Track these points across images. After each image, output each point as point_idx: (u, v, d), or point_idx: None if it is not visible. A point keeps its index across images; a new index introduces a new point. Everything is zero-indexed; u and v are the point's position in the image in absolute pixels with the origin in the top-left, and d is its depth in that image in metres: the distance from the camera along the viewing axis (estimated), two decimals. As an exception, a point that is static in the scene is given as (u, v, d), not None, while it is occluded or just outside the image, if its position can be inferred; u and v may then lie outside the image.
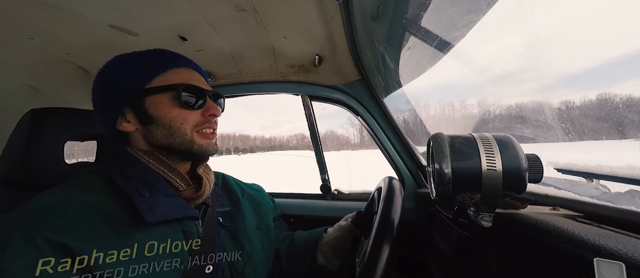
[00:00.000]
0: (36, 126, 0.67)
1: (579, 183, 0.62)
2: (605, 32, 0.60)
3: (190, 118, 0.58)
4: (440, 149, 0.44)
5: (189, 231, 0.57)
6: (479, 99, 1.13)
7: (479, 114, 1.14)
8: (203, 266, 0.58)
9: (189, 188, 0.60)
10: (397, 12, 0.77)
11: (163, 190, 0.55)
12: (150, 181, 0.55)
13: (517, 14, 0.60)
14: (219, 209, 0.69)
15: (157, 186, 0.55)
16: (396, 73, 0.99)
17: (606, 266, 0.29)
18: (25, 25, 0.80)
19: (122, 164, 0.56)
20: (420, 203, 1.07)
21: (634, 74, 0.57)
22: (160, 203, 0.52)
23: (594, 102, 0.66)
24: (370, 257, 0.50)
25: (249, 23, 0.82)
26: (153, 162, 0.58)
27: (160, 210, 0.51)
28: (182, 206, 0.56)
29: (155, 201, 0.52)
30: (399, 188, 0.71)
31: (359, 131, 29.76)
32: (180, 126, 0.57)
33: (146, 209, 0.49)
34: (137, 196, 0.51)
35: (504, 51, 0.75)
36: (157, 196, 0.53)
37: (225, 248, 0.65)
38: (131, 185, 0.52)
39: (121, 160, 0.57)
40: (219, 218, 0.67)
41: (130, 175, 0.54)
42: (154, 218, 0.49)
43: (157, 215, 0.50)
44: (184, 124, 0.58)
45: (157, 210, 0.51)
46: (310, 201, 1.32)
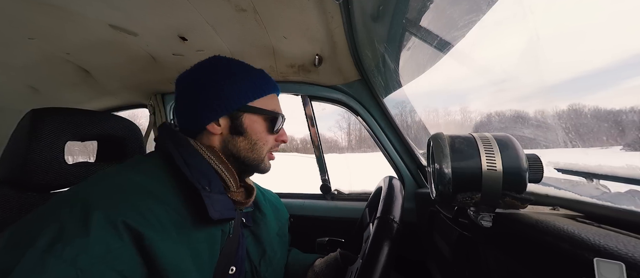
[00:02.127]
0: (37, 126, 0.67)
1: (579, 183, 0.62)
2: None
3: (270, 140, 0.65)
4: (440, 149, 0.44)
5: (225, 231, 0.59)
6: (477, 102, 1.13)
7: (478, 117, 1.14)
8: (227, 267, 0.58)
9: (239, 190, 0.64)
10: (397, 12, 0.77)
11: (218, 186, 0.56)
12: (208, 175, 0.55)
13: (517, 15, 0.60)
14: (244, 210, 0.69)
15: (214, 181, 0.55)
16: (396, 73, 0.99)
17: (606, 266, 0.29)
18: (25, 25, 0.80)
19: (184, 153, 0.55)
20: (420, 203, 1.07)
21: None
22: (219, 201, 0.53)
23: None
24: (370, 256, 0.50)
25: (249, 23, 0.82)
26: (214, 158, 0.59)
27: (219, 207, 0.52)
28: (231, 206, 0.57)
29: (215, 198, 0.53)
30: (399, 187, 0.71)
31: (346, 135, 30.04)
32: (263, 146, 0.63)
33: (210, 205, 0.50)
34: (201, 189, 0.51)
35: (503, 53, 0.75)
36: (214, 192, 0.54)
37: (248, 249, 0.66)
38: (194, 177, 0.52)
39: (183, 149, 0.56)
40: (243, 219, 0.68)
41: (192, 165, 0.54)
42: (216, 214, 0.50)
43: (217, 212, 0.50)
44: (265, 145, 0.64)
45: (217, 207, 0.51)
46: (310, 201, 1.32)
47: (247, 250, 0.66)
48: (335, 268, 0.75)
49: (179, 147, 0.56)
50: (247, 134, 0.62)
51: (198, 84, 0.61)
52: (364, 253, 0.54)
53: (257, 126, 0.63)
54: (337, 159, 2.14)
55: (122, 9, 0.75)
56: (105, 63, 1.06)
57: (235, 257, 0.61)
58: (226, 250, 0.58)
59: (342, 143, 33.05)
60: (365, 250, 0.54)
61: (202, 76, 0.61)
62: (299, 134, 7.04)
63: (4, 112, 1.32)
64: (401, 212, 0.61)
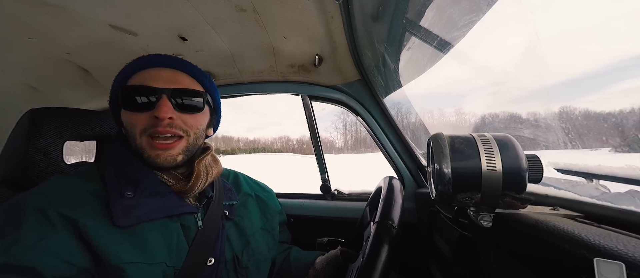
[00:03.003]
0: (35, 125, 0.67)
1: (579, 183, 0.62)
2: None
3: (136, 121, 0.56)
4: (440, 150, 0.44)
5: (187, 225, 0.59)
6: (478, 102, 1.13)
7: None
8: (204, 258, 0.58)
9: (179, 182, 0.60)
10: (397, 12, 0.77)
11: (149, 188, 0.55)
12: (137, 179, 0.55)
13: (517, 15, 0.60)
14: (226, 202, 0.69)
15: (144, 184, 0.55)
16: (396, 73, 0.99)
17: (606, 266, 0.29)
18: (25, 25, 0.80)
19: (116, 159, 0.58)
20: (420, 203, 1.07)
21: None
22: (139, 205, 0.53)
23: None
24: (368, 262, 0.50)
25: (249, 23, 0.82)
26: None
27: (137, 212, 0.52)
28: (168, 206, 0.56)
29: (134, 203, 0.52)
30: (399, 187, 0.71)
31: (342, 136, 30.13)
32: (131, 130, 0.56)
33: (119, 212, 0.50)
34: (116, 196, 0.52)
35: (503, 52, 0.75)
36: (141, 197, 0.53)
37: (230, 240, 0.66)
38: (117, 182, 0.54)
39: (116, 155, 0.58)
40: (225, 211, 0.68)
41: (119, 171, 0.56)
42: (126, 221, 0.50)
43: (129, 218, 0.50)
44: (132, 128, 0.56)
45: (132, 213, 0.51)
46: (310, 201, 1.32)
47: (230, 240, 0.66)
48: (336, 266, 0.75)
49: (112, 154, 0.59)
50: (124, 123, 0.59)
51: None
52: (364, 254, 0.54)
53: (121, 111, 0.59)
54: (334, 159, 2.13)
55: (122, 9, 0.75)
56: (105, 63, 1.06)
57: (213, 249, 0.61)
58: (200, 242, 0.58)
59: (338, 144, 32.97)
60: (366, 250, 0.54)
61: None
62: (295, 135, 6.75)
63: (4, 112, 1.32)
64: (401, 213, 0.61)
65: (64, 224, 0.46)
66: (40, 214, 0.45)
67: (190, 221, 0.59)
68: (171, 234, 0.55)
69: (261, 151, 76.56)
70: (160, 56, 0.62)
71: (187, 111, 0.60)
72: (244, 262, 0.66)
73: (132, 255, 0.49)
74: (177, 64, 0.62)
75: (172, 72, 0.61)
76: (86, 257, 0.46)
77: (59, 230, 0.45)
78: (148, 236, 0.52)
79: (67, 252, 0.44)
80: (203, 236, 0.59)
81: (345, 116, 3.46)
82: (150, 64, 0.60)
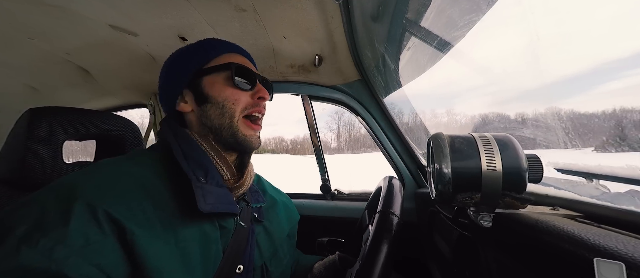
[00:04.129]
0: (34, 125, 0.67)
1: (579, 183, 0.62)
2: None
3: (241, 99, 0.58)
4: (440, 149, 0.44)
5: (227, 229, 0.55)
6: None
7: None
8: (234, 266, 0.55)
9: (233, 177, 0.59)
10: (397, 12, 0.77)
11: (216, 177, 0.54)
12: (206, 165, 0.54)
13: (517, 16, 0.60)
14: (254, 205, 0.67)
15: (211, 172, 0.54)
16: (396, 73, 0.99)
17: (606, 266, 0.29)
18: (25, 25, 0.80)
19: (183, 144, 0.55)
20: (420, 203, 1.07)
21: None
22: (212, 193, 0.51)
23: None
24: (369, 256, 0.50)
25: (249, 23, 0.82)
26: (206, 146, 0.57)
27: (211, 200, 0.49)
28: (229, 200, 0.54)
29: (209, 189, 0.50)
30: (399, 187, 0.71)
31: (336, 136, 30.23)
32: (232, 107, 0.57)
33: (200, 196, 0.48)
34: (195, 180, 0.49)
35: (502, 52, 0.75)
36: (211, 184, 0.52)
37: (260, 245, 0.63)
38: (190, 168, 0.51)
39: (182, 140, 0.56)
40: (255, 214, 0.65)
41: (190, 156, 0.53)
42: (206, 207, 0.47)
43: (208, 205, 0.48)
44: (235, 104, 0.57)
45: (209, 199, 0.49)
46: (311, 201, 1.32)
47: (259, 246, 0.63)
48: (334, 271, 0.75)
49: (178, 139, 0.56)
50: (212, 98, 0.57)
51: (161, 74, 0.64)
52: (364, 252, 0.54)
53: (218, 86, 0.58)
54: (327, 160, 2.13)
55: (122, 9, 0.75)
56: (105, 63, 1.06)
57: (243, 256, 0.57)
58: (232, 248, 0.55)
59: (332, 144, 33.08)
60: (365, 251, 0.54)
61: (163, 67, 0.64)
62: (289, 136, 6.64)
63: (4, 112, 1.32)
64: (401, 211, 0.61)
65: (112, 229, 0.41)
66: (90, 212, 0.40)
67: (230, 224, 0.56)
68: (210, 243, 0.51)
69: (254, 152, 76.57)
70: (236, 45, 0.65)
71: (268, 97, 0.64)
72: (271, 270, 0.64)
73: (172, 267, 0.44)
74: (249, 56, 0.67)
75: (250, 63, 0.65)
76: (126, 269, 0.41)
77: (106, 235, 0.40)
78: (189, 247, 0.48)
79: (108, 262, 0.39)
80: (237, 241, 0.56)
81: (338, 116, 3.47)
82: (237, 50, 0.64)
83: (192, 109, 0.59)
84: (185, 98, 0.59)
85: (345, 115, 1.79)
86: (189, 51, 0.61)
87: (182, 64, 0.60)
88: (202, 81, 0.58)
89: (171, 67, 0.61)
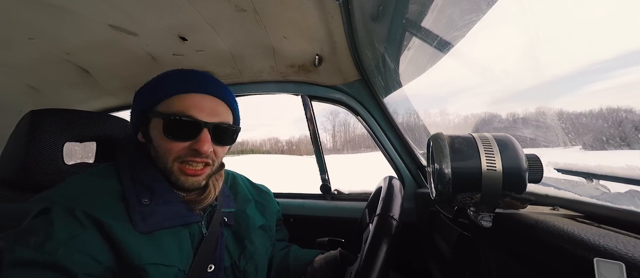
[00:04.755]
0: (36, 127, 0.67)
1: (579, 183, 0.62)
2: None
3: (173, 149, 0.58)
4: (440, 149, 0.44)
5: (193, 233, 0.61)
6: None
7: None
8: (205, 265, 0.60)
9: (190, 195, 0.62)
10: (397, 12, 0.77)
11: (164, 196, 0.58)
12: (153, 187, 0.57)
13: (517, 16, 0.60)
14: (224, 209, 0.71)
15: (159, 192, 0.57)
16: (396, 73, 0.99)
17: (606, 266, 0.29)
18: (25, 25, 0.80)
19: (134, 166, 0.59)
20: (420, 203, 1.07)
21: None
22: (155, 213, 0.55)
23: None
24: (369, 253, 0.50)
25: (249, 23, 0.82)
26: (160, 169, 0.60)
27: (153, 219, 0.54)
28: (179, 214, 0.58)
29: (150, 211, 0.54)
30: (399, 187, 0.71)
31: (332, 136, 30.37)
32: (163, 155, 0.58)
33: (139, 219, 0.52)
34: (135, 203, 0.54)
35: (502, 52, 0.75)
36: (156, 204, 0.56)
37: (228, 247, 0.67)
38: (134, 188, 0.56)
39: (134, 162, 0.60)
40: (224, 218, 0.69)
41: (137, 179, 0.57)
42: (145, 228, 0.52)
43: (148, 225, 0.53)
44: (167, 154, 0.58)
45: (149, 220, 0.53)
46: (310, 202, 1.32)
47: (227, 248, 0.67)
48: (335, 267, 0.75)
49: (129, 159, 0.60)
50: (152, 140, 0.60)
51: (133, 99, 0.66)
52: (364, 252, 0.54)
53: (156, 131, 0.59)
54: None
55: (122, 9, 0.75)
56: (105, 63, 1.06)
57: (213, 256, 0.62)
58: (203, 249, 0.60)
59: (327, 145, 33.11)
60: (366, 247, 0.54)
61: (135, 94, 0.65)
62: (284, 136, 6.58)
63: (4, 112, 1.32)
64: (401, 212, 0.61)
65: (91, 224, 0.47)
66: (69, 213, 0.47)
67: (195, 229, 0.61)
68: (182, 240, 0.57)
69: (249, 153, 76.83)
70: (202, 78, 0.62)
71: (222, 143, 0.63)
72: (241, 266, 0.67)
73: (152, 256, 0.51)
74: (218, 92, 0.62)
75: (213, 101, 0.61)
76: (111, 256, 0.48)
77: (87, 228, 0.46)
78: (165, 241, 0.54)
79: (95, 250, 0.46)
80: (206, 244, 0.61)
81: (333, 117, 3.50)
82: (193, 89, 0.60)
83: (145, 141, 0.62)
84: (140, 131, 0.62)
85: (340, 115, 1.79)
86: (148, 86, 0.63)
87: (139, 100, 0.62)
88: (150, 122, 0.60)
89: (135, 100, 0.64)
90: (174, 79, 0.60)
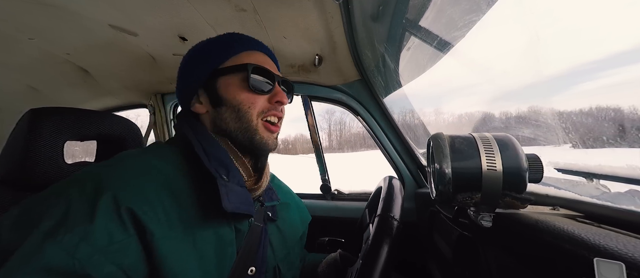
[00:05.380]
0: (35, 126, 0.67)
1: (579, 183, 0.62)
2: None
3: (258, 102, 0.56)
4: (440, 149, 0.44)
5: (242, 230, 0.54)
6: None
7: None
8: (246, 267, 0.53)
9: (251, 179, 0.58)
10: (397, 12, 0.77)
11: (237, 177, 0.52)
12: (227, 164, 0.52)
13: (517, 16, 0.60)
14: (268, 203, 0.64)
15: (232, 171, 0.52)
16: (396, 73, 0.99)
17: (606, 266, 0.29)
18: (25, 25, 0.80)
19: (203, 141, 0.53)
20: (420, 203, 1.07)
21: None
22: (235, 192, 0.49)
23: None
24: (370, 254, 0.50)
25: (249, 23, 0.82)
26: (224, 146, 0.56)
27: (234, 199, 0.48)
28: (249, 201, 0.52)
29: (231, 188, 0.49)
30: (399, 187, 0.71)
31: (327, 135, 30.40)
32: (248, 111, 0.55)
33: (224, 194, 0.46)
34: (219, 178, 0.48)
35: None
36: (232, 183, 0.50)
37: (273, 246, 0.61)
38: (212, 165, 0.50)
39: (202, 137, 0.54)
40: (268, 213, 0.63)
41: (211, 154, 0.51)
42: (230, 206, 0.46)
43: (231, 204, 0.46)
44: (251, 108, 0.55)
45: (232, 198, 0.47)
46: (311, 201, 1.32)
47: (272, 246, 0.60)
48: (335, 269, 0.75)
49: (197, 134, 0.54)
50: (227, 101, 0.55)
51: (178, 71, 0.62)
52: (365, 251, 0.54)
53: (233, 88, 0.55)
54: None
55: (122, 9, 0.75)
56: (105, 63, 1.06)
57: (255, 256, 0.55)
58: (245, 249, 0.53)
59: (323, 144, 33.28)
60: (365, 251, 0.54)
61: (181, 64, 0.62)
62: (280, 135, 6.53)
63: (4, 112, 1.32)
64: (401, 212, 0.61)
65: (135, 229, 0.40)
66: (115, 209, 0.39)
67: (244, 225, 0.54)
68: (225, 246, 0.50)
69: None
70: (258, 41, 0.63)
71: (288, 99, 0.63)
72: (284, 272, 0.61)
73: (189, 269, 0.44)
74: (271, 54, 0.64)
75: (271, 61, 0.63)
76: (145, 269, 0.41)
77: (130, 235, 0.39)
78: (206, 249, 0.47)
79: (130, 262, 0.39)
80: (249, 242, 0.54)
81: (329, 116, 3.48)
82: (258, 47, 0.61)
83: (207, 110, 0.57)
84: (200, 99, 0.57)
85: (335, 114, 1.79)
86: (206, 47, 0.59)
87: (198, 62, 0.58)
88: (217, 82, 0.56)
89: (188, 64, 0.59)
90: (237, 38, 0.60)
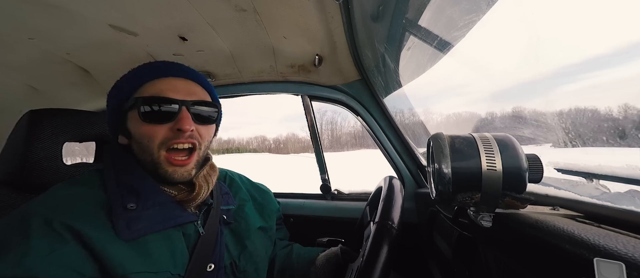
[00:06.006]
0: (35, 127, 0.67)
1: (579, 183, 0.62)
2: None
3: (157, 134, 0.55)
4: (440, 149, 0.44)
5: (187, 234, 0.59)
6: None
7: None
8: (204, 265, 0.58)
9: (181, 192, 0.60)
10: (397, 12, 0.77)
11: (152, 198, 0.55)
12: (139, 189, 0.55)
13: (517, 16, 0.60)
14: (224, 207, 0.69)
15: (147, 195, 0.55)
16: (396, 73, 0.99)
17: (606, 266, 0.29)
18: (25, 25, 0.80)
19: (120, 169, 0.57)
20: (420, 203, 1.07)
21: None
22: (142, 218, 0.52)
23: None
24: (367, 263, 0.50)
25: (249, 23, 0.82)
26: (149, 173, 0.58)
27: (140, 224, 0.51)
28: (171, 216, 0.56)
29: (137, 216, 0.52)
30: (399, 187, 0.71)
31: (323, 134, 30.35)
32: (148, 144, 0.55)
33: (123, 226, 0.50)
34: (119, 209, 0.51)
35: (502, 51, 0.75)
36: (143, 208, 0.53)
37: (228, 246, 0.66)
38: (119, 193, 0.53)
39: (120, 165, 0.57)
40: (224, 216, 0.68)
41: (122, 182, 0.55)
42: (130, 235, 0.50)
43: (133, 232, 0.50)
44: (151, 141, 0.55)
45: (134, 226, 0.51)
46: (310, 201, 1.32)
47: (227, 247, 0.65)
48: (336, 264, 0.75)
49: (116, 163, 0.57)
50: (133, 135, 0.57)
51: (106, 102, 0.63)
52: (364, 255, 0.54)
53: (133, 122, 0.56)
54: (310, 158, 2.05)
55: (122, 9, 0.75)
56: (105, 63, 1.06)
57: (212, 255, 0.60)
58: (200, 249, 0.58)
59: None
60: (365, 251, 0.54)
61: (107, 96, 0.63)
62: (272, 134, 6.31)
63: (4, 112, 1.32)
64: (401, 213, 0.61)
65: (71, 235, 0.46)
66: (47, 225, 0.45)
67: (190, 229, 0.59)
68: (174, 243, 0.55)
69: (235, 152, 76.12)
70: (171, 64, 0.62)
71: (203, 122, 0.61)
72: (241, 266, 0.66)
73: (137, 265, 0.49)
74: (190, 75, 0.62)
75: (187, 83, 0.61)
76: (94, 268, 0.46)
77: (67, 241, 0.45)
78: (152, 246, 0.52)
79: (76, 263, 0.45)
80: (203, 244, 0.59)
81: (320, 116, 3.55)
82: (163, 74, 0.59)
83: (128, 142, 0.60)
84: (121, 132, 0.60)
85: (327, 114, 1.80)
86: (118, 82, 0.61)
87: (111, 97, 0.60)
88: (126, 116, 0.58)
89: (108, 99, 0.61)
90: (144, 68, 0.60)
